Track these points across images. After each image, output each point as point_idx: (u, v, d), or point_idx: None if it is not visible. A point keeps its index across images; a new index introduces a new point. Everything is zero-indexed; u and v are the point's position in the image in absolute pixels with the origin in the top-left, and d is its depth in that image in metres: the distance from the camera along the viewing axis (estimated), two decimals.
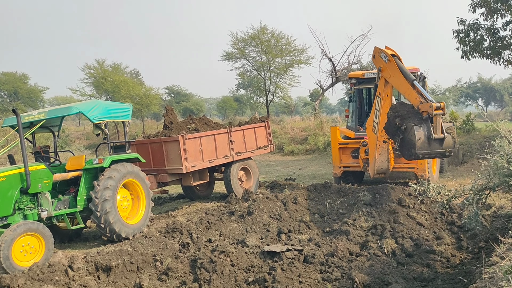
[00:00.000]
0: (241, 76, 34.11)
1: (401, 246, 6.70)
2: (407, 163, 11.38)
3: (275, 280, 5.66)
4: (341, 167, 11.98)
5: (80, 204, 8.03)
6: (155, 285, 5.82)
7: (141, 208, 8.72)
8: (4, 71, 42.45)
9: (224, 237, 7.53)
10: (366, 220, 7.65)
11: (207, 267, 6.05)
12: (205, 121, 11.58)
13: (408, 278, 5.82)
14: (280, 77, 30.80)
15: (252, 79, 33.76)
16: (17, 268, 6.44)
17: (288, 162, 20.29)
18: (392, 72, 8.82)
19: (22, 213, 7.42)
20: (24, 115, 8.16)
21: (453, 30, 15.79)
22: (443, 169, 13.55)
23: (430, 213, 7.91)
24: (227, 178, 11.12)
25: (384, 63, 8.99)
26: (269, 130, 12.28)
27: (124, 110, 8.88)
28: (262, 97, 33.41)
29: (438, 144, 7.89)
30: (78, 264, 6.23)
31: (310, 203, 8.93)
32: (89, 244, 8.61)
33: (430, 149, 7.92)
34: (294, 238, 7.35)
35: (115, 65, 34.00)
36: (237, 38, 29.48)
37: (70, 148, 25.69)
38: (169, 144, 10.02)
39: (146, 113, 35.74)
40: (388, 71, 8.91)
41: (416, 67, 12.28)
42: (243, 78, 35.77)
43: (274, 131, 24.10)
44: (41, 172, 7.69)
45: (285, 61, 30.05)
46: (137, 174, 8.62)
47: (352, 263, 6.21)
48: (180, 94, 54.64)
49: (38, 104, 43.74)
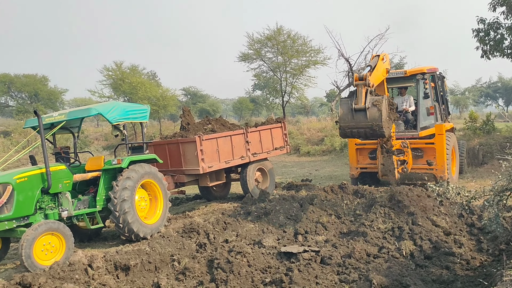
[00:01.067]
0: (257, 77, 34.15)
1: (419, 248, 6.63)
2: (426, 164, 11.28)
3: (292, 281, 5.65)
4: (358, 168, 11.91)
5: (99, 204, 8.14)
6: (172, 284, 5.86)
7: (159, 208, 8.81)
8: (25, 73, 43.27)
9: (240, 238, 7.54)
10: (384, 221, 7.59)
11: (224, 268, 6.07)
12: (221, 122, 11.63)
13: (427, 281, 5.75)
14: (296, 77, 30.76)
15: (268, 80, 33.77)
16: (39, 267, 6.56)
17: (304, 163, 20.23)
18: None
19: (43, 213, 7.56)
20: (45, 116, 8.29)
21: (473, 29, 15.57)
22: (462, 170, 13.36)
23: (449, 214, 7.81)
24: (244, 179, 11.15)
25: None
26: (285, 131, 12.28)
27: (142, 111, 8.98)
28: (278, 98, 33.40)
29: (362, 116, 7.64)
30: (97, 263, 6.32)
31: (326, 204, 8.89)
32: (108, 243, 8.72)
33: (354, 122, 7.72)
34: (310, 239, 7.33)
35: (133, 67, 34.38)
36: (253, 39, 29.57)
37: (89, 149, 26.06)
38: (186, 145, 10.09)
39: (163, 114, 36.02)
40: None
41: (435, 67, 12.17)
42: (259, 79, 35.81)
43: (290, 132, 24.06)
44: (62, 173, 7.83)
45: (301, 61, 30.02)
46: (154, 174, 8.70)
47: (370, 265, 6.17)
48: (196, 95, 54.97)
49: (58, 106, 44.45)
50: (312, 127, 27.15)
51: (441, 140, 11.02)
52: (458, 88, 51.58)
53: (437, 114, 11.87)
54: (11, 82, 41.91)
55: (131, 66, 34.34)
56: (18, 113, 39.44)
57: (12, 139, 28.77)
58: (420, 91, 11.40)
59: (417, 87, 11.51)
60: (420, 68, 11.93)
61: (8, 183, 7.11)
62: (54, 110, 40.10)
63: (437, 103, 12.06)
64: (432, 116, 11.63)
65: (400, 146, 11.19)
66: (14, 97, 43.63)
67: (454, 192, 8.54)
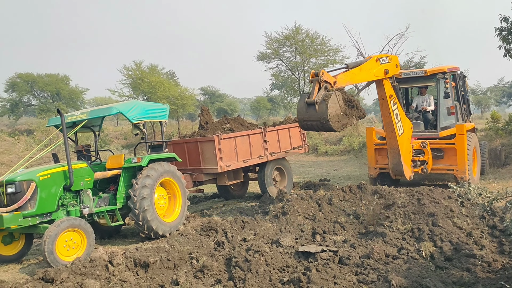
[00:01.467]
0: (275, 77, 34.07)
1: (439, 249, 6.55)
2: (446, 165, 11.15)
3: (310, 280, 5.65)
4: (377, 168, 11.81)
5: (119, 201, 8.26)
6: (191, 282, 5.91)
7: (177, 207, 8.89)
8: (47, 73, 44.01)
9: (258, 237, 7.56)
10: (403, 222, 7.51)
11: (242, 266, 6.10)
12: (239, 121, 11.67)
13: (447, 282, 5.68)
14: None
15: (286, 79, 33.67)
16: (61, 262, 6.70)
17: (322, 162, 20.15)
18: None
19: (65, 210, 7.71)
20: (67, 115, 8.45)
21: (496, 28, 15.28)
22: (484, 171, 13.15)
23: (470, 216, 7.69)
24: (261, 178, 11.17)
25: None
26: (303, 131, 12.24)
27: (162, 110, 9.07)
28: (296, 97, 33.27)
29: (313, 110, 8.05)
30: (117, 260, 6.41)
31: (345, 204, 8.84)
32: (128, 240, 8.84)
33: (307, 115, 8.20)
34: (328, 239, 7.30)
35: (152, 66, 34.63)
36: (271, 38, 29.50)
37: (109, 147, 26.39)
38: (204, 144, 10.16)
39: (182, 113, 36.23)
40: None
41: (456, 66, 12.00)
42: (277, 79, 35.72)
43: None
44: (83, 170, 7.97)
45: (319, 61, 29.83)
46: (173, 173, 8.79)
47: (389, 266, 6.12)
48: (214, 95, 55.16)
49: (79, 105, 45.07)
50: None
51: (462, 140, 10.86)
52: (480, 87, 50.69)
53: (458, 114, 11.70)
54: (34, 82, 42.70)
55: (150, 65, 34.63)
56: (41, 112, 40.15)
57: (35, 137, 29.30)
58: (440, 91, 11.26)
59: (438, 87, 11.37)
60: (441, 67, 11.78)
61: (32, 180, 7.27)
62: (75, 109, 40.71)
63: (458, 102, 11.89)
64: (452, 116, 11.48)
65: (420, 146, 11.08)
66: (36, 96, 44.43)
67: (476, 193, 8.41)
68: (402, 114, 10.32)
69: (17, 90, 42.37)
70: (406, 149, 10.45)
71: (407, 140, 10.44)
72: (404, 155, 10.37)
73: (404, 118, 10.35)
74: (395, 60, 10.07)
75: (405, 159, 10.41)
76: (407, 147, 10.46)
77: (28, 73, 42.86)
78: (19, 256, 7.74)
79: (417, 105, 12.38)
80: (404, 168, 10.43)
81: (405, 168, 10.46)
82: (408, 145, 10.50)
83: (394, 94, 10.04)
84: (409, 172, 10.62)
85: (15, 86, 42.26)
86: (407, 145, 10.47)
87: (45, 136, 26.79)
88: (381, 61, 9.61)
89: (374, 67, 9.51)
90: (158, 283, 6.00)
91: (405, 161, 10.44)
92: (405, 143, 10.35)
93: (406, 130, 10.35)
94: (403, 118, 10.31)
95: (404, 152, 10.35)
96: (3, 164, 21.47)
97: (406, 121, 10.43)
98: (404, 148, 10.37)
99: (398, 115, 10.14)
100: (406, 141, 10.38)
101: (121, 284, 5.93)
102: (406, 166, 10.46)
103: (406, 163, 10.46)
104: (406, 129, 10.35)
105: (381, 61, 9.61)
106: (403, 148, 10.32)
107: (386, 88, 9.81)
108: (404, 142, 10.33)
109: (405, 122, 10.37)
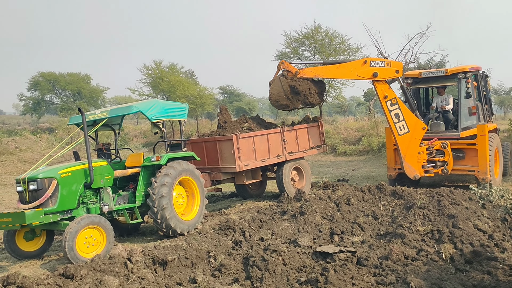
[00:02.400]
0: None
1: (460, 251, 6.44)
2: (467, 166, 10.98)
3: (328, 281, 5.62)
4: (396, 169, 11.69)
5: (138, 199, 8.35)
6: (209, 280, 5.94)
7: (196, 205, 8.94)
8: (69, 72, 44.78)
9: (276, 236, 7.56)
10: (423, 223, 7.42)
11: (259, 265, 6.10)
12: (258, 120, 11.67)
13: (467, 285, 5.59)
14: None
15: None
16: (81, 259, 6.79)
17: (341, 162, 20.02)
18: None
19: (86, 207, 7.82)
20: (88, 113, 8.55)
21: None
22: (506, 173, 12.88)
23: (492, 218, 7.55)
24: (280, 178, 11.15)
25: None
26: (322, 130, 12.19)
27: (181, 109, 9.13)
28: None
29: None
30: (136, 257, 6.49)
31: (363, 204, 8.78)
32: (146, 238, 8.93)
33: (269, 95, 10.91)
34: (347, 239, 7.26)
35: (172, 66, 34.88)
36: (290, 37, 29.38)
37: (129, 145, 26.70)
38: (223, 143, 10.19)
39: (200, 113, 36.41)
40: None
41: (478, 66, 11.79)
42: None
43: (327, 131, 23.85)
44: (103, 168, 8.07)
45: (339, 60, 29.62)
46: (192, 172, 8.84)
47: (408, 267, 6.05)
48: (233, 94, 55.33)
49: (100, 104, 45.72)
50: (349, 126, 26.80)
51: (483, 141, 10.67)
52: (503, 87, 49.49)
53: (479, 114, 11.49)
54: (55, 81, 43.49)
55: (170, 64, 34.89)
56: (62, 111, 40.89)
57: (57, 135, 29.82)
58: (462, 91, 11.08)
59: (459, 86, 11.19)
60: (462, 67, 11.59)
61: (53, 177, 7.39)
62: (96, 107, 41.31)
63: (479, 103, 11.68)
64: (474, 116, 11.28)
65: (440, 146, 10.95)
66: (58, 95, 45.24)
67: (498, 195, 8.25)
68: (406, 114, 10.76)
69: (40, 89, 43.25)
70: (412, 149, 10.76)
71: (414, 140, 10.75)
72: (409, 155, 10.75)
73: (410, 118, 10.76)
74: (396, 66, 10.77)
75: (408, 158, 10.77)
76: (413, 147, 10.76)
77: (50, 72, 43.71)
78: (40, 252, 7.89)
79: (437, 105, 12.21)
80: (405, 167, 10.81)
81: (407, 167, 10.81)
82: (414, 145, 10.78)
83: (392, 95, 10.65)
84: (413, 171, 10.85)
85: (37, 85, 43.15)
86: (413, 145, 10.77)
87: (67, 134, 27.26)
88: (372, 64, 10.35)
89: (357, 67, 10.33)
90: (176, 281, 6.05)
91: (409, 160, 10.78)
92: (408, 143, 10.73)
93: (413, 130, 10.73)
94: (409, 118, 10.72)
95: (406, 151, 10.74)
96: (26, 161, 21.94)
97: (414, 121, 10.78)
98: (408, 147, 10.73)
99: (400, 115, 10.68)
100: (411, 140, 10.73)
101: (140, 281, 5.99)
102: (408, 165, 10.79)
103: (409, 162, 10.78)
104: (413, 129, 10.73)
105: (371, 64, 10.35)
106: (405, 147, 10.74)
107: (378, 90, 10.66)
108: (407, 142, 10.73)
109: (412, 122, 10.75)
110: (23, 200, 7.42)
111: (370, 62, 10.51)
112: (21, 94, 44.72)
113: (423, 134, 10.86)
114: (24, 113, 49.62)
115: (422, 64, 27.83)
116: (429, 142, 11.02)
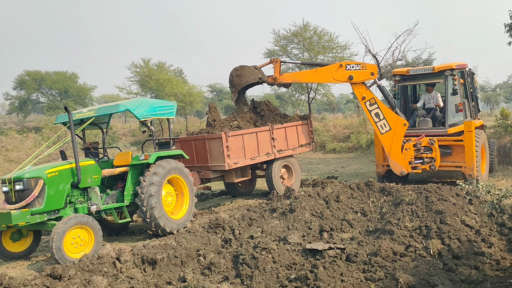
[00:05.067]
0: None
1: (447, 247, 6.51)
2: (454, 162, 11.12)
3: (317, 278, 5.64)
4: (385, 165, 11.77)
5: (127, 198, 8.29)
6: (198, 279, 5.93)
7: (185, 204, 8.90)
8: (56, 71, 44.26)
9: (266, 234, 7.57)
10: (411, 219, 7.48)
11: (249, 263, 6.11)
12: (247, 118, 11.65)
13: (455, 280, 5.65)
14: None
15: None
16: (68, 259, 6.73)
17: (330, 160, 20.10)
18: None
19: (73, 207, 7.74)
20: (75, 112, 8.46)
21: (505, 24, 15.12)
22: (493, 169, 13.03)
23: (479, 213, 7.64)
24: (269, 176, 11.15)
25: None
26: (311, 128, 12.23)
27: (169, 107, 9.08)
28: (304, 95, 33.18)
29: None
30: (125, 257, 6.45)
31: (352, 201, 8.82)
32: (135, 237, 8.88)
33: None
34: (336, 236, 7.29)
35: (160, 64, 34.72)
36: (279, 35, 29.37)
37: (117, 144, 26.49)
38: (212, 141, 10.16)
39: (189, 111, 36.30)
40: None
41: (464, 63, 11.90)
42: None
43: (316, 128, 23.90)
44: (91, 168, 7.99)
45: (327, 58, 29.68)
46: (181, 170, 8.80)
47: (396, 263, 6.10)
48: (222, 92, 55.22)
49: (87, 102, 45.29)
50: (338, 124, 26.90)
51: (470, 137, 10.79)
52: (489, 84, 50.11)
53: (466, 111, 11.61)
54: (42, 79, 42.98)
55: (158, 63, 34.72)
56: (49, 109, 40.39)
57: (43, 134, 29.47)
58: (448, 88, 11.20)
59: (446, 84, 11.30)
60: (449, 64, 11.71)
61: (40, 177, 7.31)
62: (83, 106, 40.90)
63: (466, 99, 11.79)
64: (461, 113, 11.40)
65: (428, 143, 11.06)
66: (45, 93, 44.72)
67: (484, 191, 8.34)
68: (386, 112, 11.06)
69: (26, 87, 42.70)
70: (395, 146, 11.03)
71: (397, 136, 11.02)
72: (393, 152, 11.05)
73: (391, 116, 11.04)
74: (371, 68, 11.11)
75: (393, 155, 11.07)
76: (396, 144, 11.03)
77: (36, 70, 43.19)
78: (27, 253, 7.80)
79: (424, 102, 12.32)
80: (391, 164, 11.12)
81: (393, 164, 11.11)
82: (397, 142, 11.04)
83: (369, 96, 11.04)
84: (399, 168, 11.09)
85: (23, 83, 42.60)
86: (396, 142, 11.04)
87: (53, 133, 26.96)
88: (348, 67, 10.75)
89: (333, 71, 10.78)
90: (165, 280, 6.03)
91: (394, 157, 11.06)
92: (392, 140, 11.02)
93: (394, 127, 11.02)
94: (389, 116, 11.01)
95: (390, 149, 11.05)
96: (12, 161, 21.65)
97: (394, 119, 11.03)
98: (392, 144, 11.03)
99: (380, 114, 11.01)
100: (394, 137, 11.01)
101: (129, 281, 5.96)
102: (394, 161, 11.08)
103: (395, 159, 11.06)
104: (394, 126, 11.02)
105: (347, 67, 10.75)
106: (389, 144, 11.06)
107: (356, 92, 11.12)
108: (390, 139, 11.03)
109: (393, 120, 11.02)
110: (9, 200, 7.33)
111: (346, 65, 10.85)
112: (7, 93, 44.21)
113: (405, 130, 11.11)
114: (10, 112, 48.98)
115: (410, 62, 28.01)
116: (416, 139, 11.11)
